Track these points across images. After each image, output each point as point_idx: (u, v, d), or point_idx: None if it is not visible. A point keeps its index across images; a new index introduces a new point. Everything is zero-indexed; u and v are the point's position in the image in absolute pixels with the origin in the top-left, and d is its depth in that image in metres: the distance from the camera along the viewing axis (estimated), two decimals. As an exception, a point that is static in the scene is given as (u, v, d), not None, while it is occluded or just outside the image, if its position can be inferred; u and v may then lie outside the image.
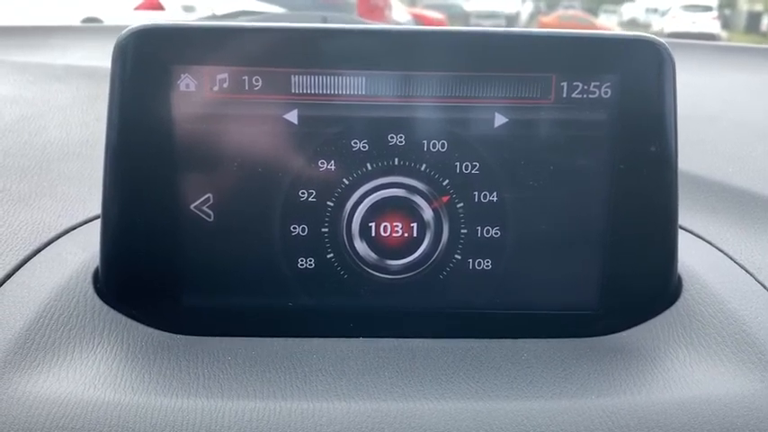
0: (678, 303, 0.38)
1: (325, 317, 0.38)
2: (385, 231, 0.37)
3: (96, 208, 0.42)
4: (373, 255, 0.37)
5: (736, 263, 0.41)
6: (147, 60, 0.34)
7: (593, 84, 0.35)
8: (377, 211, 0.37)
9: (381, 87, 0.35)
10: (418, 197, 0.36)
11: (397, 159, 0.36)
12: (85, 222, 0.43)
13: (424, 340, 0.36)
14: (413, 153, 0.36)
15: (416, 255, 0.37)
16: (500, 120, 0.35)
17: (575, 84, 0.35)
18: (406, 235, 0.37)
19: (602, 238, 0.37)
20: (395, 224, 0.37)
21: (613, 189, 0.36)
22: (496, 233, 0.37)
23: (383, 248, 0.37)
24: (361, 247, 0.37)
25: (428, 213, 0.37)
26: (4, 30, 1.05)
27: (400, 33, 0.35)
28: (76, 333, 0.34)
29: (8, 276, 0.37)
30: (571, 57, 0.35)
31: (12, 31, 1.04)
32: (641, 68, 0.35)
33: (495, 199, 0.36)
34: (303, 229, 0.36)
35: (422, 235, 0.37)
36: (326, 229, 0.37)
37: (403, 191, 0.36)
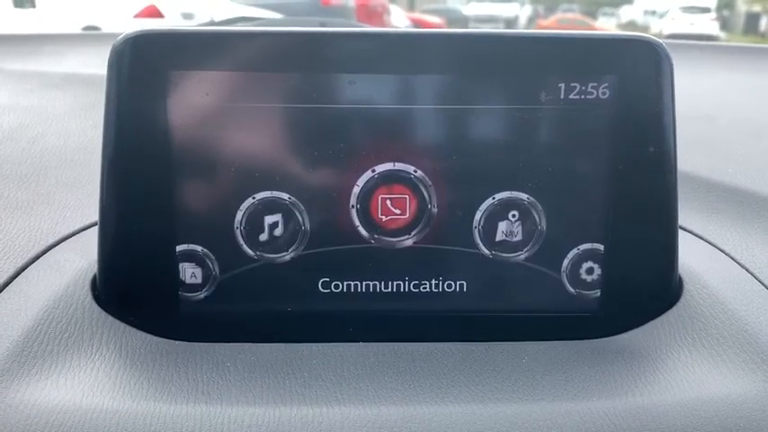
0: (679, 304, 0.37)
1: (325, 322, 0.37)
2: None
3: (94, 215, 0.42)
4: (372, 258, 0.37)
5: (737, 262, 0.41)
6: (143, 66, 0.34)
7: (591, 84, 0.35)
8: (376, 213, 0.36)
9: (381, 90, 0.35)
10: (417, 200, 0.36)
11: (395, 162, 0.36)
12: (83, 229, 0.43)
13: (424, 344, 0.36)
14: (411, 156, 0.36)
15: (416, 258, 0.37)
16: (498, 121, 0.35)
17: (573, 85, 0.35)
18: (404, 238, 0.37)
19: (602, 239, 0.37)
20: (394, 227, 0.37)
21: (612, 190, 0.36)
22: (496, 235, 0.37)
23: None
24: (359, 250, 0.37)
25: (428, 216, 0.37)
26: (1, 38, 1.05)
27: (398, 36, 0.35)
28: (75, 340, 0.34)
29: (6, 284, 0.37)
30: (569, 58, 0.35)
31: (8, 40, 1.04)
32: (639, 69, 0.35)
33: (494, 200, 0.36)
34: (301, 234, 0.36)
35: None
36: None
37: (402, 194, 0.36)
